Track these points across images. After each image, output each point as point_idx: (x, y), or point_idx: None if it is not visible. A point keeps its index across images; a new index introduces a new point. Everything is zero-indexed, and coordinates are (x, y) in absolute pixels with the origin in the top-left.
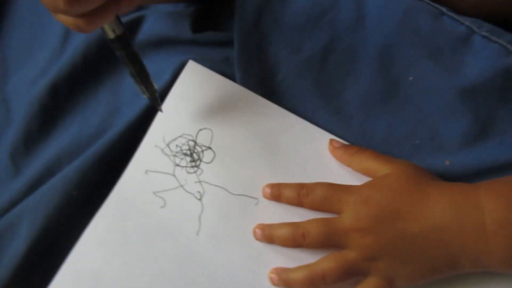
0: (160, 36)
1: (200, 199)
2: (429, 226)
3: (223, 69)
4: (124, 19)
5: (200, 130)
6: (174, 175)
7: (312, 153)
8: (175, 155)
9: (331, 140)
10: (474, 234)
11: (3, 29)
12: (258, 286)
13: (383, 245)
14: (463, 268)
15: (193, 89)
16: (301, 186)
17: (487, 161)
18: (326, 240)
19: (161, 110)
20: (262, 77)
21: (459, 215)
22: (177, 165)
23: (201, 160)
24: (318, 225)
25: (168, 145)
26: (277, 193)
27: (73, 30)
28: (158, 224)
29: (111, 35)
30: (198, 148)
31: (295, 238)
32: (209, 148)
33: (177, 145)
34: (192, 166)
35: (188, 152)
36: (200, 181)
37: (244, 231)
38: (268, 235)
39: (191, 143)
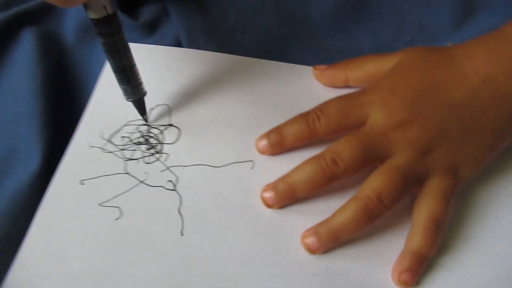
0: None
1: (174, 189)
2: (475, 83)
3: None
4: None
5: (152, 109)
6: (126, 173)
7: (299, 91)
8: (123, 149)
9: (315, 67)
10: None
11: None
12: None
13: (433, 129)
14: None
15: None
16: (305, 115)
17: (482, 33)
18: (364, 157)
19: (146, 120)
20: (210, 28)
21: (501, 58)
22: (129, 159)
23: (162, 143)
24: (348, 140)
25: (109, 140)
26: (278, 139)
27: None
28: (118, 244)
29: (100, 13)
30: (154, 131)
31: (325, 171)
32: (170, 125)
33: (122, 137)
34: (152, 154)
35: (142, 139)
36: (168, 168)
37: (244, 210)
38: (287, 188)
39: (143, 128)
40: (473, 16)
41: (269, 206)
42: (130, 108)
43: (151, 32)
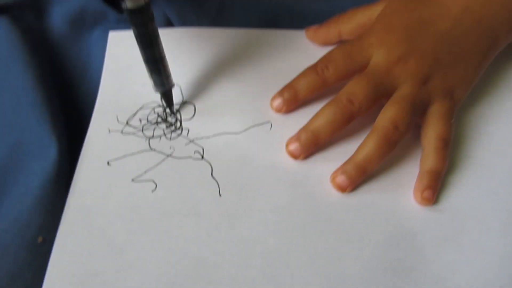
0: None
1: (202, 158)
2: (457, 13)
3: None
4: None
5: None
6: (152, 149)
7: (297, 54)
8: (143, 129)
9: (307, 28)
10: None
11: None
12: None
13: (428, 59)
14: (502, 39)
15: (128, 57)
16: (314, 66)
17: None
18: (375, 93)
19: (172, 112)
20: (200, 5)
21: None
22: (151, 137)
23: (180, 120)
24: (359, 81)
25: (128, 122)
26: (292, 94)
27: None
28: (159, 213)
29: (137, 2)
30: (170, 110)
31: (343, 111)
32: (184, 102)
33: (140, 119)
34: (173, 131)
35: (159, 119)
36: (192, 141)
37: (272, 167)
38: (310, 136)
39: (159, 109)
40: None
41: (295, 157)
42: (140, 93)
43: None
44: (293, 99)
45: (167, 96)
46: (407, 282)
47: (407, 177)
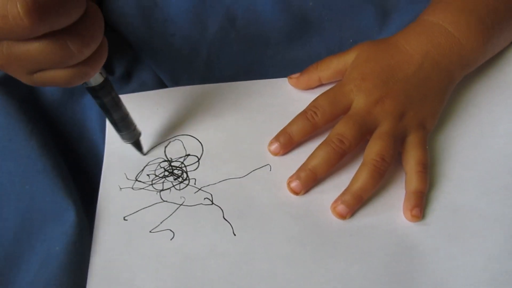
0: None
1: (212, 203)
2: (418, 59)
3: None
4: None
5: (166, 147)
6: (164, 201)
7: (283, 100)
8: (152, 184)
9: (288, 77)
10: (446, 40)
11: None
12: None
13: (401, 99)
14: (457, 76)
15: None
16: (303, 113)
17: (400, 28)
18: (360, 132)
19: (143, 154)
20: (188, 64)
21: (428, 37)
22: (161, 190)
23: (186, 172)
24: (346, 123)
25: (137, 179)
26: (286, 138)
27: (68, 84)
28: (180, 259)
29: (98, 79)
30: (175, 164)
31: (335, 150)
32: (187, 155)
33: (148, 175)
34: (181, 182)
35: (166, 173)
36: (200, 189)
37: (276, 204)
38: (309, 173)
39: (164, 164)
40: (390, 17)
41: (296, 193)
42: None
43: (127, 81)
44: (288, 143)
45: (136, 144)
46: None
47: (396, 199)
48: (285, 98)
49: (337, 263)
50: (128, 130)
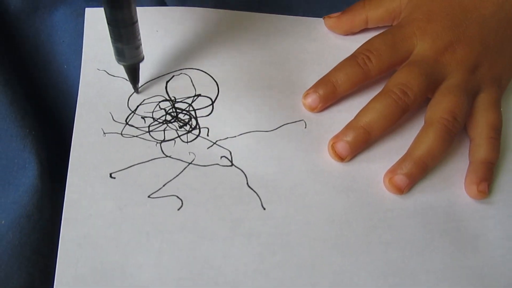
0: None
1: (232, 164)
2: None
3: None
4: None
5: (168, 82)
6: (167, 156)
7: (318, 45)
8: (149, 130)
9: (326, 17)
10: None
11: None
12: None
13: (476, 46)
14: None
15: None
16: (353, 57)
17: None
18: (427, 83)
19: (136, 91)
20: None
21: None
22: (163, 141)
23: (196, 117)
24: (411, 71)
25: (127, 121)
26: (329, 89)
27: None
28: (193, 237)
29: None
30: (180, 105)
31: (398, 103)
32: (197, 95)
33: (143, 118)
34: (189, 131)
35: (169, 117)
36: (215, 143)
37: (314, 170)
38: (362, 132)
39: (166, 104)
40: None
41: (342, 158)
42: (130, 86)
43: None
44: (330, 94)
45: (132, 71)
46: None
47: (456, 173)
48: (321, 44)
49: (394, 254)
50: (132, 45)
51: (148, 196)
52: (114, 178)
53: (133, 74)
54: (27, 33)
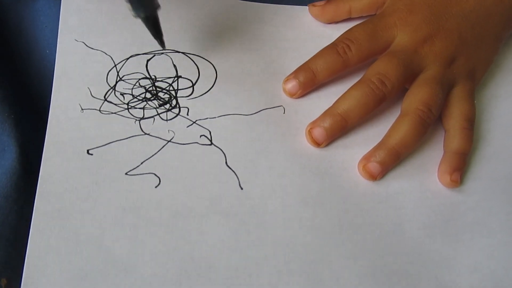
0: None
1: (211, 143)
2: None
3: None
4: None
5: (149, 60)
6: (146, 134)
7: (301, 33)
8: (128, 108)
9: (311, 5)
10: None
11: None
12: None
13: (454, 39)
14: None
15: (91, 13)
16: (333, 46)
17: None
18: (405, 74)
19: (162, 45)
20: None
21: None
22: (142, 118)
23: (176, 97)
24: (389, 60)
25: (106, 98)
26: (309, 75)
27: None
28: (170, 214)
29: None
30: (161, 84)
31: (375, 92)
32: (178, 77)
33: (122, 94)
34: (169, 110)
35: (149, 95)
36: (195, 122)
37: (292, 154)
38: (339, 119)
39: (145, 82)
40: None
41: (318, 144)
42: (113, 58)
43: None
44: (310, 81)
45: (154, 22)
46: (449, 273)
47: (430, 160)
48: (303, 32)
49: (365, 236)
50: None
51: (126, 173)
52: (92, 154)
53: (155, 26)
54: (10, 18)
